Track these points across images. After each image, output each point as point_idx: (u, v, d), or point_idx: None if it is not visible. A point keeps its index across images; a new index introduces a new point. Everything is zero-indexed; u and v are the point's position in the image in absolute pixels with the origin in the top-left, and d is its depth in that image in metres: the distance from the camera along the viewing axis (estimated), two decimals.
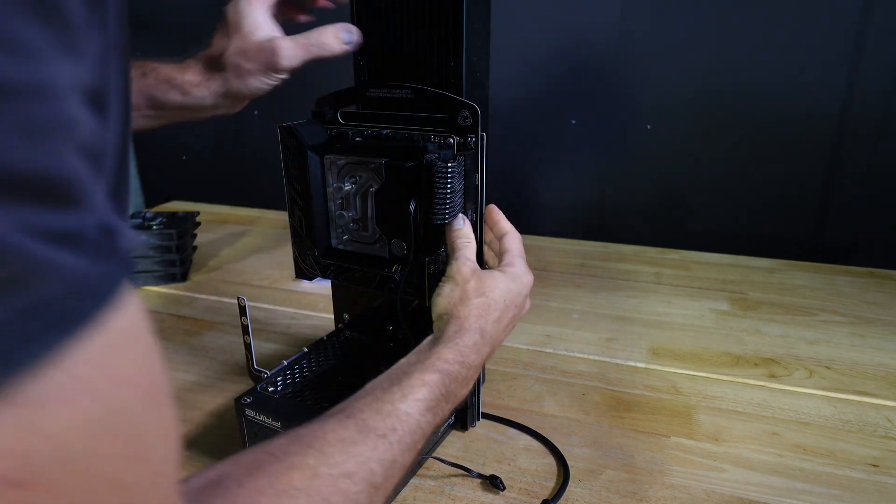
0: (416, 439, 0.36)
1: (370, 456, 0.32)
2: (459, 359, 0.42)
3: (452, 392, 0.40)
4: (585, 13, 1.10)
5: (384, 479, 0.33)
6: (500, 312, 0.47)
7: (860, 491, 0.51)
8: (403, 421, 0.36)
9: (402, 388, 0.37)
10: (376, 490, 0.32)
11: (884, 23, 0.97)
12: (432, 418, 0.38)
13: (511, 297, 0.49)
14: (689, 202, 1.16)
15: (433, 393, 0.38)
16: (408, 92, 0.51)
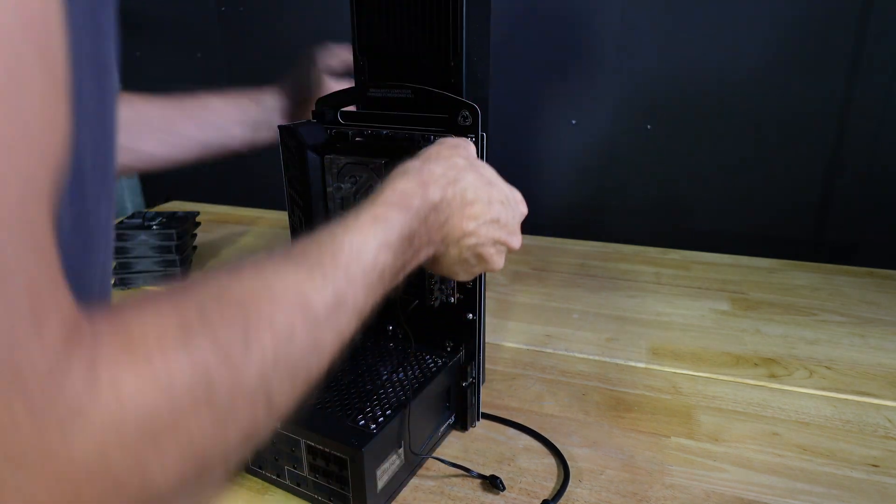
0: (369, 273, 0.32)
1: (303, 285, 0.28)
2: (400, 188, 0.38)
3: (401, 208, 0.36)
4: (586, 13, 1.10)
5: (327, 313, 0.29)
6: (434, 155, 0.43)
7: (860, 491, 0.51)
8: (347, 252, 0.32)
9: (345, 224, 0.34)
10: (317, 325, 0.28)
11: (884, 23, 0.96)
12: (386, 251, 0.34)
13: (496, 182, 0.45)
14: (689, 202, 1.16)
15: (377, 220, 0.35)
16: (408, 92, 0.51)
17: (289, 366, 0.26)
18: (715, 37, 1.05)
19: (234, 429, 0.23)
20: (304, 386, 0.28)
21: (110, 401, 0.19)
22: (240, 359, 0.23)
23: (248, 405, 0.24)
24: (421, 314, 0.58)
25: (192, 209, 1.05)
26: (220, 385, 0.22)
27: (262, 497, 0.50)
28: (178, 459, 0.21)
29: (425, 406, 0.52)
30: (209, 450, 0.22)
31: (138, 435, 0.20)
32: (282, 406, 0.26)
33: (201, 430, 0.22)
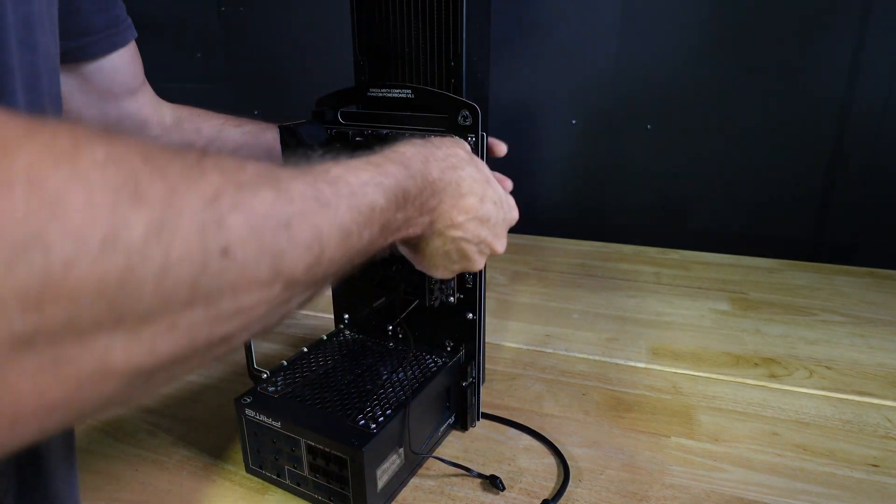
0: (358, 197, 0.30)
1: (280, 171, 0.26)
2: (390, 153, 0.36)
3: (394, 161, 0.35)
4: (585, 13, 1.10)
5: (303, 200, 0.26)
6: (437, 141, 0.43)
7: (860, 491, 0.51)
8: (334, 172, 0.30)
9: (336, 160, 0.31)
10: (289, 202, 0.25)
11: (884, 23, 0.97)
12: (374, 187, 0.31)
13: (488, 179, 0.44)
14: (689, 202, 1.16)
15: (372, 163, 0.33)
16: (408, 92, 0.51)
17: (250, 219, 0.22)
18: (715, 37, 1.05)
19: (177, 248, 0.19)
20: (276, 264, 0.23)
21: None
22: (182, 183, 0.20)
23: (193, 228, 0.20)
24: (421, 314, 0.58)
25: None
26: (151, 185, 0.19)
27: (262, 497, 0.50)
28: (105, 254, 0.17)
29: (425, 406, 0.52)
30: (147, 259, 0.18)
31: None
32: (247, 265, 0.22)
33: (131, 226, 0.18)
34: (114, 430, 0.59)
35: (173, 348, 0.20)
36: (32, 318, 0.16)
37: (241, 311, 0.23)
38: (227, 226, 0.21)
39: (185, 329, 0.21)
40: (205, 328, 0.21)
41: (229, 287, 0.22)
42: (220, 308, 0.21)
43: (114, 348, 0.18)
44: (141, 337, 0.19)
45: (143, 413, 0.61)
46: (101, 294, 0.17)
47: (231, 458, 0.55)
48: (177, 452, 0.55)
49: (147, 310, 0.19)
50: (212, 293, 0.21)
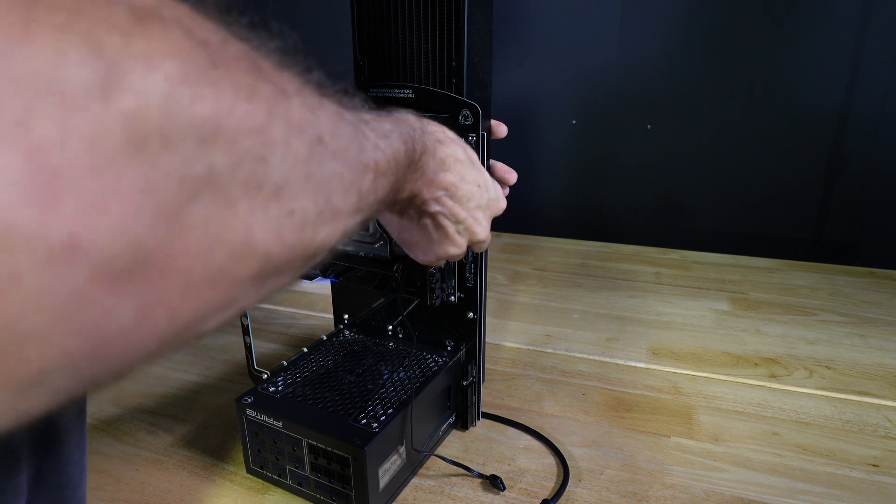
0: (387, 137, 0.30)
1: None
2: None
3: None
4: (585, 12, 1.10)
5: (337, 121, 0.26)
6: (430, 120, 0.42)
7: (860, 491, 0.51)
8: (364, 113, 0.30)
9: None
10: (322, 119, 0.24)
11: (883, 23, 0.97)
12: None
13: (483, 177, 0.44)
14: (689, 202, 1.16)
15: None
16: (409, 92, 0.51)
17: (329, 123, 0.24)
18: (715, 37, 1.05)
19: (295, 114, 0.21)
20: (341, 181, 0.25)
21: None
22: (274, 72, 0.22)
23: (300, 105, 0.22)
24: (421, 313, 0.58)
25: None
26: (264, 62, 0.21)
27: (262, 497, 0.50)
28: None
29: (426, 405, 0.52)
30: (278, 117, 0.20)
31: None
32: (332, 163, 0.24)
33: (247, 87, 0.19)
34: (114, 430, 0.59)
35: (293, 239, 0.22)
36: (202, 162, 0.17)
37: (334, 212, 0.24)
38: (318, 116, 0.23)
39: (300, 219, 0.22)
40: (313, 222, 0.23)
41: (327, 178, 0.23)
42: (322, 199, 0.23)
43: (258, 220, 0.20)
44: (275, 212, 0.20)
45: (143, 413, 0.61)
46: (251, 145, 0.19)
47: (231, 458, 0.55)
48: (177, 452, 0.55)
49: (279, 178, 0.20)
50: (317, 179, 0.23)
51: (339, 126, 0.25)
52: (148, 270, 0.16)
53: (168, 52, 0.16)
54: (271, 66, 0.22)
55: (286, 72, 0.23)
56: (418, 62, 0.52)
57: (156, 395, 0.64)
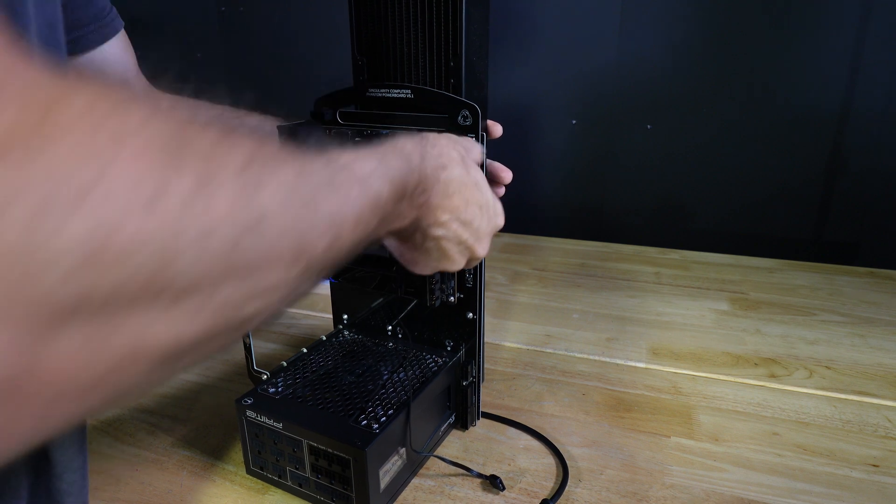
0: (367, 182, 0.30)
1: (287, 151, 0.25)
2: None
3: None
4: (585, 12, 1.10)
5: (317, 180, 0.26)
6: (433, 139, 0.42)
7: (860, 491, 0.51)
8: (344, 159, 0.29)
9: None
10: (304, 179, 0.24)
11: (884, 23, 0.97)
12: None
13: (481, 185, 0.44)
14: (689, 202, 1.16)
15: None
16: (408, 92, 0.51)
17: (280, 189, 0.22)
18: (715, 37, 1.05)
19: (220, 203, 0.19)
20: (300, 242, 0.24)
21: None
22: (219, 148, 0.20)
23: (235, 187, 0.20)
24: (421, 314, 0.58)
25: None
26: (196, 137, 0.19)
27: (262, 497, 0.50)
28: (149, 212, 0.17)
29: (426, 405, 0.52)
30: (194, 218, 0.18)
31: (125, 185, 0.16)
32: (277, 238, 0.22)
33: (182, 187, 0.18)
34: (114, 430, 0.59)
35: (205, 326, 0.20)
36: (77, 284, 0.15)
37: (267, 289, 0.22)
38: (260, 194, 0.21)
39: (218, 305, 0.20)
40: (234, 305, 0.21)
41: (259, 262, 0.22)
42: (250, 284, 0.21)
43: (152, 323, 0.18)
44: (178, 312, 0.19)
45: (143, 413, 0.61)
46: (146, 259, 0.17)
47: (231, 458, 0.55)
48: (177, 452, 0.55)
49: (186, 281, 0.19)
50: (244, 267, 0.21)
51: (293, 195, 0.23)
52: (12, 394, 0.16)
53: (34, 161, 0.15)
54: (206, 145, 0.20)
55: (228, 147, 0.21)
56: (416, 62, 0.52)
57: (156, 395, 0.64)
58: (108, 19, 0.55)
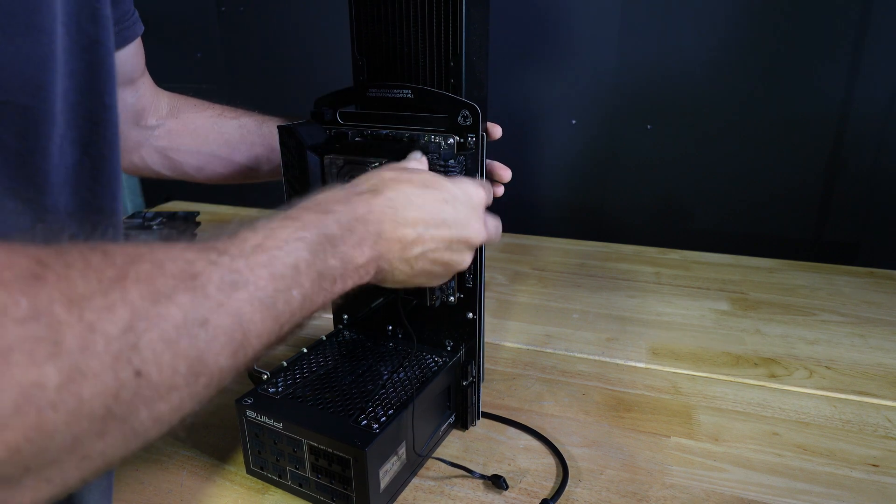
0: (277, 263, 0.30)
1: (191, 255, 0.26)
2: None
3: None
4: (584, 12, 1.10)
5: (219, 289, 0.26)
6: (364, 176, 0.41)
7: (860, 491, 0.51)
8: (251, 240, 0.30)
9: (250, 223, 0.31)
10: (205, 298, 0.25)
11: (884, 23, 0.97)
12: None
13: (437, 180, 0.42)
14: (689, 202, 1.16)
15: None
16: (408, 92, 0.51)
17: (165, 333, 0.23)
18: (715, 37, 1.05)
19: (89, 387, 0.20)
20: (195, 366, 0.24)
21: None
22: (97, 303, 0.21)
23: (107, 363, 0.20)
24: (421, 313, 0.58)
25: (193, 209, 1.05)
26: (65, 328, 0.20)
27: (262, 497, 0.50)
28: (9, 407, 0.18)
29: (427, 405, 0.52)
30: (56, 401, 0.19)
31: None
32: (163, 378, 0.22)
33: (43, 380, 0.19)
34: None
35: (85, 475, 0.21)
36: None
37: (159, 418, 0.23)
38: (140, 348, 0.21)
39: (98, 455, 0.21)
40: (121, 446, 0.22)
41: (145, 402, 0.22)
42: (136, 423, 0.22)
43: (19, 495, 0.19)
44: (50, 477, 0.20)
45: None
46: (12, 455, 0.18)
47: (231, 458, 0.55)
48: (177, 452, 0.56)
49: (58, 454, 0.19)
50: (126, 413, 0.21)
51: (179, 335, 0.23)
52: None
53: None
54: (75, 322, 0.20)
55: (98, 313, 0.21)
56: (416, 62, 0.52)
57: None
58: (130, 22, 0.54)
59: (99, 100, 0.36)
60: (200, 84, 1.40)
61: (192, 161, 0.65)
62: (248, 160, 0.65)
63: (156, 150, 0.64)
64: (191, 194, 1.42)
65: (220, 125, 0.65)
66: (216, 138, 0.65)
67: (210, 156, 0.65)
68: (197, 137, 0.64)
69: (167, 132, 0.64)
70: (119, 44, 0.53)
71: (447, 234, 0.41)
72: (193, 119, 0.65)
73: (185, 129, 0.64)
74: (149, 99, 0.62)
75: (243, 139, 0.65)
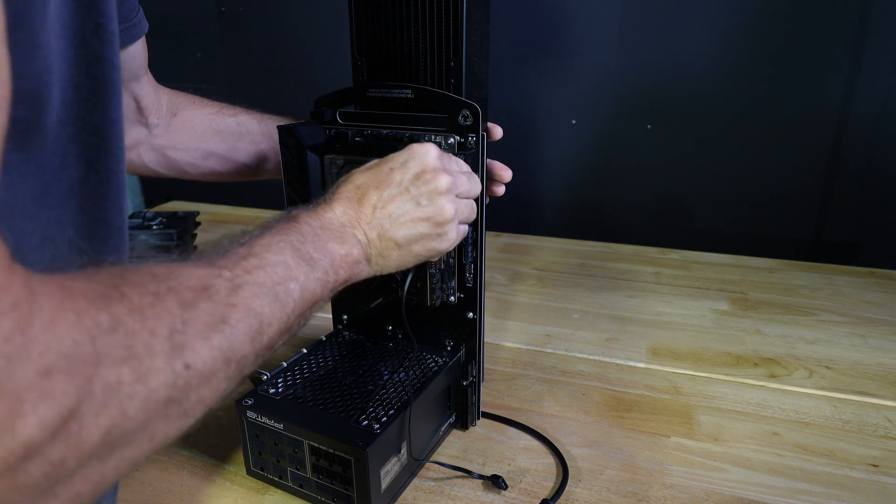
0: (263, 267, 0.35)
1: (202, 271, 0.31)
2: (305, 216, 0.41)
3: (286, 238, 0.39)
4: (585, 12, 1.10)
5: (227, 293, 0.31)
6: (368, 169, 0.45)
7: (860, 491, 0.51)
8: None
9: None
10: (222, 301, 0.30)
11: (884, 23, 0.97)
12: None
13: (382, 159, 0.46)
14: (689, 202, 1.16)
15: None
16: (408, 92, 0.51)
17: (200, 332, 0.28)
18: (715, 37, 1.05)
19: (154, 380, 0.25)
20: (226, 355, 0.29)
21: (46, 342, 0.21)
22: (149, 313, 0.26)
23: (165, 360, 0.26)
24: (421, 313, 0.58)
25: (192, 209, 1.05)
26: (135, 335, 0.25)
27: (262, 497, 0.50)
28: (98, 403, 0.23)
29: (427, 405, 0.52)
30: (132, 393, 0.24)
31: (66, 380, 0.21)
32: (205, 368, 0.28)
33: (123, 377, 0.24)
34: None
35: (148, 453, 0.27)
36: (51, 472, 0.22)
37: (203, 400, 0.29)
38: (185, 345, 0.27)
39: (161, 435, 0.27)
40: (176, 427, 0.28)
41: (193, 388, 0.27)
42: (187, 405, 0.28)
43: (107, 470, 0.25)
44: (128, 456, 0.25)
45: None
46: (104, 436, 0.23)
47: (231, 458, 0.55)
48: (177, 452, 0.55)
49: (134, 434, 0.25)
50: (181, 398, 0.27)
51: (211, 338, 0.29)
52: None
53: None
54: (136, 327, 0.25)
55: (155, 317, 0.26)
56: (417, 62, 0.52)
57: None
58: (136, 20, 0.54)
59: (105, 114, 0.37)
60: (200, 84, 1.40)
61: (188, 158, 0.65)
62: (246, 158, 0.65)
63: (153, 149, 0.64)
64: (191, 194, 1.42)
65: (218, 122, 0.65)
66: (213, 136, 0.65)
67: (207, 153, 0.65)
68: (194, 135, 0.64)
69: (165, 130, 0.64)
70: (124, 42, 0.54)
71: (406, 196, 0.43)
72: (191, 117, 0.65)
73: (183, 127, 0.64)
74: (150, 97, 0.62)
75: (241, 137, 0.65)
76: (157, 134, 0.63)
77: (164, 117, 0.63)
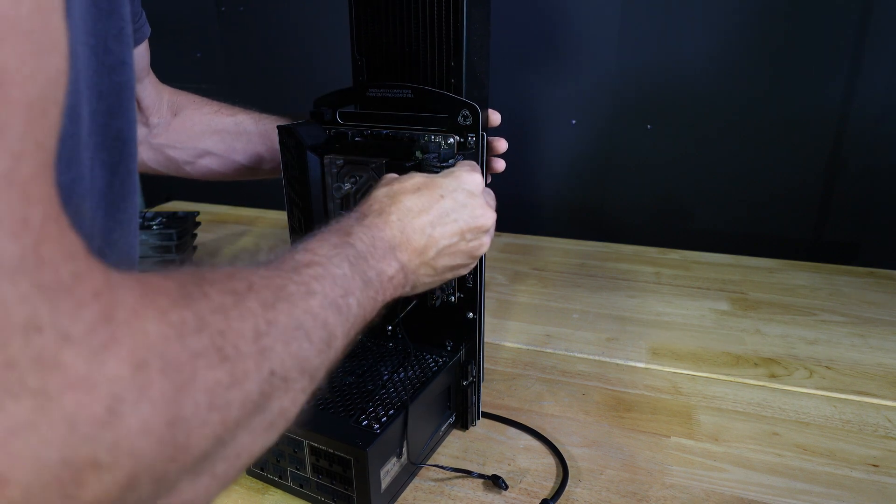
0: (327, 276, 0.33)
1: (279, 276, 0.30)
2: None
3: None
4: (585, 12, 1.10)
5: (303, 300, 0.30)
6: (417, 190, 0.43)
7: (860, 491, 0.51)
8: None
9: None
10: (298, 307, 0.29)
11: (884, 23, 0.97)
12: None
13: (429, 180, 0.44)
14: (689, 202, 1.16)
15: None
16: (408, 92, 0.51)
17: (281, 336, 0.26)
18: (715, 37, 1.05)
19: (249, 384, 0.23)
20: (302, 364, 0.28)
21: (134, 336, 0.19)
22: (234, 313, 0.24)
23: (253, 363, 0.24)
24: (421, 314, 0.58)
25: (192, 209, 1.05)
26: (224, 335, 0.23)
27: (262, 497, 0.50)
28: (203, 407, 0.21)
29: (427, 405, 0.52)
30: (229, 399, 0.22)
31: (162, 377, 0.19)
32: (285, 374, 0.26)
33: (220, 380, 0.22)
34: None
35: (234, 472, 0.25)
36: (154, 490, 0.20)
37: (284, 411, 0.27)
38: (268, 349, 0.25)
39: (245, 450, 0.25)
40: (260, 441, 0.26)
41: (276, 396, 0.26)
42: (270, 415, 0.26)
43: (200, 485, 0.23)
44: (219, 470, 0.23)
45: None
46: (210, 446, 0.22)
47: None
48: None
49: (227, 444, 0.23)
50: (265, 406, 0.25)
51: (290, 344, 0.27)
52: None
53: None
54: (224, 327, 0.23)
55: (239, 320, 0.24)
56: (417, 62, 0.52)
57: None
58: (140, 23, 0.54)
59: (125, 118, 0.37)
60: (200, 84, 1.40)
61: (186, 157, 0.65)
62: (243, 158, 0.66)
63: (152, 148, 0.64)
64: (191, 194, 1.42)
65: (216, 122, 0.65)
66: (211, 135, 0.65)
67: (204, 152, 0.65)
68: (192, 134, 0.65)
69: (165, 129, 0.64)
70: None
71: (455, 228, 0.43)
72: (191, 116, 0.65)
73: (182, 126, 0.64)
74: (151, 97, 0.62)
75: (238, 137, 0.65)
76: (157, 133, 0.64)
77: (165, 117, 0.64)
